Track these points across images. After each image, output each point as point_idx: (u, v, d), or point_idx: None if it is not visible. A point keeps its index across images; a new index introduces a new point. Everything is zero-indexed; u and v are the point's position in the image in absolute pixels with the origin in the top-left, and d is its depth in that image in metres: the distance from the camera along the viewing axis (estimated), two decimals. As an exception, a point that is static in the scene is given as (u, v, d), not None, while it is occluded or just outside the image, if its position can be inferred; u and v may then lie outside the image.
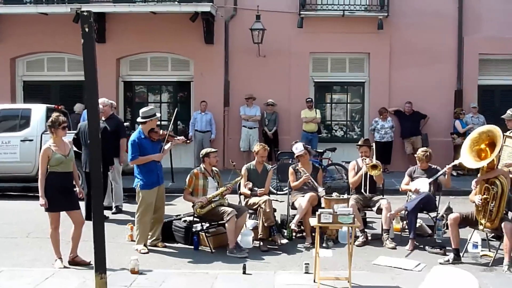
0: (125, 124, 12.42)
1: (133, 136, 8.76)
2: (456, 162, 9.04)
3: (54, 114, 7.90)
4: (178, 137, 9.25)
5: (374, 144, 10.55)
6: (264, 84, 16.98)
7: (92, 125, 5.82)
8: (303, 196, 9.24)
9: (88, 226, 6.68)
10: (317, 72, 17.67)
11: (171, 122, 9.47)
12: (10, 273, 7.35)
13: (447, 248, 8.41)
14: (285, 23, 17.03)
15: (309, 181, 9.50)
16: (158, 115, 9.14)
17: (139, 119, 8.85)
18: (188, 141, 9.92)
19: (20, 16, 17.15)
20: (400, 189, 9.89)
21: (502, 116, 9.14)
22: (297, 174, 9.66)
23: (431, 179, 9.12)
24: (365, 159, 9.44)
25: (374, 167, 9.24)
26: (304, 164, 9.70)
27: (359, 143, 9.84)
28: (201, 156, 9.27)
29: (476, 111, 16.25)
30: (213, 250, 8.63)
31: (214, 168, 9.22)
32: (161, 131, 8.96)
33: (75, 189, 7.97)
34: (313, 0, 16.99)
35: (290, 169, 9.87)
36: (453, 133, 16.05)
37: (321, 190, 9.37)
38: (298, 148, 9.86)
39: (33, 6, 16.89)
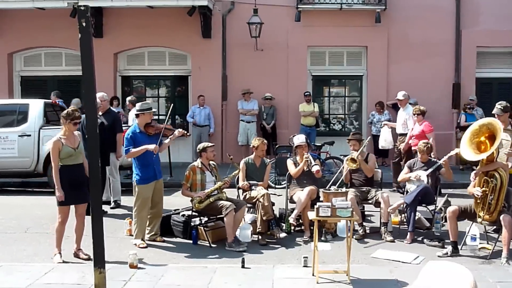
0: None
1: (129, 130, 8.80)
2: (452, 153, 9.06)
3: (72, 108, 8.11)
4: (178, 130, 9.22)
5: (369, 137, 10.56)
6: (262, 78, 16.97)
7: (90, 120, 5.81)
8: (302, 190, 9.24)
9: (87, 221, 6.69)
10: (315, 65, 17.66)
11: (167, 117, 9.45)
12: (9, 268, 7.35)
13: (446, 241, 8.42)
14: (282, 16, 17.01)
15: (308, 160, 9.48)
16: (154, 109, 9.14)
17: (134, 112, 8.89)
18: (187, 133, 9.89)
19: (17, 11, 17.12)
20: (398, 180, 9.89)
21: (493, 112, 9.09)
22: (296, 165, 9.64)
23: (428, 171, 9.13)
24: (352, 153, 9.51)
25: (352, 160, 9.33)
26: (300, 156, 9.68)
27: (349, 137, 9.89)
28: (198, 151, 9.26)
29: (474, 104, 16.24)
30: (211, 244, 8.64)
31: (211, 162, 9.21)
32: (157, 125, 8.95)
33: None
34: (310, -7, 17.00)
35: (289, 161, 9.86)
36: (458, 127, 16.03)
37: (314, 165, 9.35)
38: (300, 138, 9.87)
39: (30, 1, 16.80)
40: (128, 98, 14.95)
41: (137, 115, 8.79)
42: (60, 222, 7.77)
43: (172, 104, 12.76)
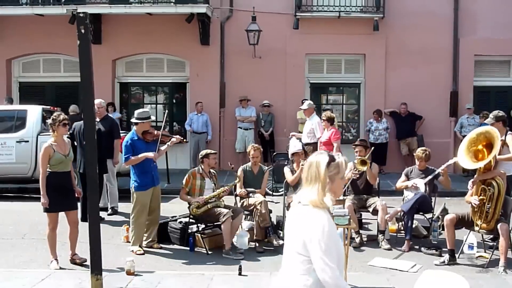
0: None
1: (127, 137, 8.78)
2: (450, 162, 9.07)
3: (56, 112, 8.05)
4: (174, 136, 9.23)
5: (372, 148, 10.57)
6: (260, 85, 16.98)
7: (88, 126, 5.82)
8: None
9: (84, 227, 6.68)
10: (313, 73, 17.67)
11: (163, 124, 9.49)
12: (6, 274, 7.34)
13: (443, 249, 8.42)
14: (281, 24, 17.03)
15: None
16: (153, 117, 9.14)
17: (133, 120, 8.89)
18: (184, 140, 9.90)
19: (16, 17, 17.13)
20: (395, 188, 9.89)
21: (485, 121, 9.13)
22: (293, 173, 9.64)
23: (426, 179, 9.12)
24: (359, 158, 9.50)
25: (362, 162, 9.29)
26: (297, 164, 9.68)
27: (355, 143, 9.89)
28: (200, 156, 9.24)
29: (471, 112, 16.25)
30: (208, 252, 8.63)
31: (212, 170, 9.21)
32: (155, 132, 8.96)
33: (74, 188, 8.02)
34: (308, 1, 16.99)
35: (286, 168, 9.87)
36: None
37: None
38: (296, 146, 9.88)
39: (29, 7, 16.86)
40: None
41: (136, 123, 8.79)
42: (51, 229, 7.76)
43: (165, 113, 12.75)
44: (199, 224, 8.94)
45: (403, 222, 9.17)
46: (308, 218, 3.35)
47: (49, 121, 7.88)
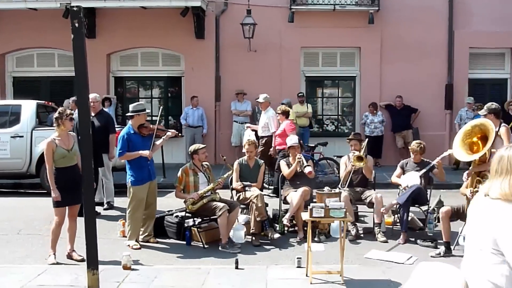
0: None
1: (123, 131, 8.78)
2: (445, 154, 9.07)
3: (61, 108, 8.10)
4: (170, 130, 9.21)
5: (367, 139, 10.57)
6: (255, 79, 16.95)
7: (83, 121, 5.80)
8: (295, 191, 9.24)
9: (80, 222, 6.66)
10: (308, 66, 17.67)
11: (158, 117, 9.47)
12: (1, 270, 7.32)
13: (439, 241, 8.44)
14: (276, 17, 17.01)
15: (300, 161, 9.49)
16: (148, 110, 9.13)
17: (128, 114, 8.88)
18: (180, 134, 9.89)
19: (9, 12, 17.04)
20: (390, 181, 9.90)
21: (479, 113, 9.17)
22: (289, 166, 9.65)
23: (421, 172, 9.13)
24: (354, 153, 9.49)
25: (359, 158, 9.28)
26: (293, 157, 9.70)
27: (349, 137, 9.90)
28: (189, 153, 9.25)
29: (471, 106, 16.17)
30: (205, 245, 8.63)
31: (204, 163, 9.19)
32: (150, 126, 8.95)
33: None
34: (303, -6, 17.00)
35: (282, 162, 9.88)
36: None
37: (307, 166, 9.37)
38: (292, 139, 9.89)
39: (22, 1, 16.73)
40: (72, 98, 14.44)
41: (131, 116, 8.78)
42: (57, 224, 7.74)
43: (161, 107, 12.71)
44: (195, 218, 8.94)
45: (398, 215, 9.18)
46: (499, 213, 3.24)
47: (55, 114, 7.85)
